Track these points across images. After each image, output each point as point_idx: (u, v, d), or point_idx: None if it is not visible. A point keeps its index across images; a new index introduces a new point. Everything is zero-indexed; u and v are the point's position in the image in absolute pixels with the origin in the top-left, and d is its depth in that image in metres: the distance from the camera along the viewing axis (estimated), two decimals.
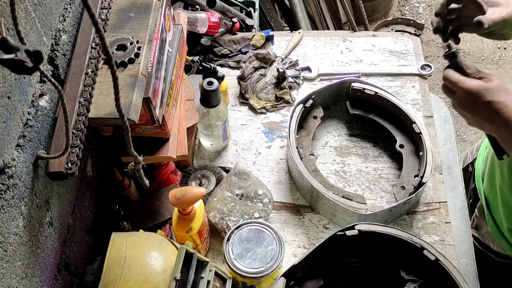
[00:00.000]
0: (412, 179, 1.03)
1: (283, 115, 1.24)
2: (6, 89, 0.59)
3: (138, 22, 0.82)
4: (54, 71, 0.75)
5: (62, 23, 0.77)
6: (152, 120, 0.82)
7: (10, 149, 0.61)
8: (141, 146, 0.89)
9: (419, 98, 1.23)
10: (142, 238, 0.75)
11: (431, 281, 0.84)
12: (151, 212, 0.98)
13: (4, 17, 0.57)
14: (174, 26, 0.99)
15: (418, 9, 3.06)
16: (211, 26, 1.30)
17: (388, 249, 0.86)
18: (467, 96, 0.74)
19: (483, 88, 0.73)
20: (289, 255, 0.99)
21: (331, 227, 1.03)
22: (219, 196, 0.99)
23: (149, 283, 0.68)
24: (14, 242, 0.62)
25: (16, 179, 0.62)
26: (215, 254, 1.00)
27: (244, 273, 0.85)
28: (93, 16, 0.43)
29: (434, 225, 1.01)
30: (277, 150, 1.17)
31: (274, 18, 2.27)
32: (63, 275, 0.78)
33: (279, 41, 1.39)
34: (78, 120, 0.71)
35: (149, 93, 0.77)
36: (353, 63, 1.33)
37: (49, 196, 0.73)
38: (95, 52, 0.78)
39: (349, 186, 1.09)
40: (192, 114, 1.05)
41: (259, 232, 0.89)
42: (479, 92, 0.73)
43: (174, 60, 0.94)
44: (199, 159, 1.16)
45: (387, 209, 0.95)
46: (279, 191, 1.09)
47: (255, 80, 1.28)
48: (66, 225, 0.80)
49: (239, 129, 1.21)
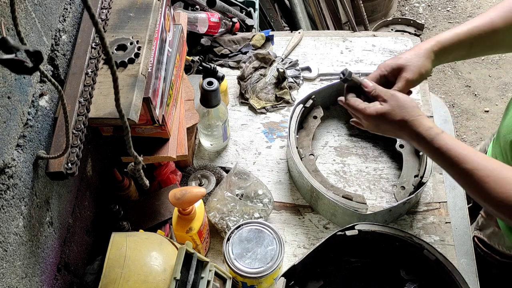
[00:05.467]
0: (412, 179, 1.03)
1: (283, 115, 1.24)
2: (6, 89, 0.59)
3: (138, 22, 0.82)
4: (54, 71, 0.75)
5: (62, 23, 0.77)
6: (152, 120, 0.82)
7: (10, 149, 0.61)
8: (141, 146, 0.89)
9: (419, 98, 1.23)
10: (142, 238, 0.75)
11: (431, 281, 0.85)
12: (151, 212, 0.98)
13: (4, 17, 0.57)
14: (174, 26, 0.99)
15: (418, 9, 3.06)
16: (211, 26, 1.30)
17: (388, 249, 0.86)
18: (371, 121, 0.84)
19: (381, 113, 0.81)
20: (289, 255, 0.99)
21: (331, 227, 1.03)
22: (219, 196, 0.99)
23: (149, 283, 0.68)
24: (14, 242, 0.62)
25: (16, 179, 0.62)
26: (215, 254, 1.00)
27: (244, 273, 0.85)
28: (93, 16, 0.43)
29: (434, 225, 1.01)
30: (277, 150, 1.17)
31: (274, 18, 2.27)
32: (63, 275, 0.78)
33: (279, 41, 1.39)
34: (78, 120, 0.71)
35: (149, 93, 0.77)
36: (353, 63, 1.33)
37: (49, 196, 0.73)
38: (95, 52, 0.78)
39: (349, 186, 1.09)
40: (192, 114, 1.05)
41: (259, 232, 0.89)
42: (378, 118, 0.82)
43: (174, 60, 0.94)
44: (199, 159, 1.16)
45: (387, 209, 0.95)
46: (279, 191, 1.09)
47: (255, 80, 1.28)
48: (66, 225, 0.80)
49: (239, 129, 1.21)
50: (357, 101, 0.85)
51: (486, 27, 0.86)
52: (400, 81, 0.85)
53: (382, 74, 0.87)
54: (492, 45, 0.89)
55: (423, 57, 0.86)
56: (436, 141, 0.77)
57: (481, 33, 0.86)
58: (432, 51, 0.86)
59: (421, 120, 0.79)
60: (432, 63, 0.87)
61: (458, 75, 2.66)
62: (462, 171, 0.74)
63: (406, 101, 0.81)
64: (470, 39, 0.86)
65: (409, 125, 0.79)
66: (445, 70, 2.69)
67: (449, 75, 2.67)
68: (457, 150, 0.75)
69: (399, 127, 0.80)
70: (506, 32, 0.86)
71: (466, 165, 0.73)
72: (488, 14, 0.87)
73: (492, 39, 0.87)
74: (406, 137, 0.81)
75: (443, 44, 0.86)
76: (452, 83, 2.63)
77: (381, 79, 0.88)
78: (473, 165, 0.73)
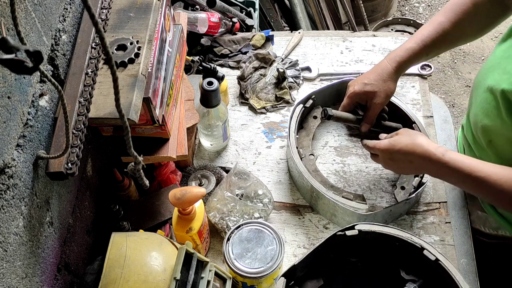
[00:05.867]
0: (412, 179, 1.03)
1: (283, 115, 1.24)
2: (6, 89, 0.59)
3: (138, 22, 0.82)
4: (54, 71, 0.75)
5: (62, 23, 0.77)
6: (152, 120, 0.82)
7: (10, 149, 0.61)
8: (141, 146, 0.89)
9: (419, 98, 1.23)
10: (142, 238, 0.75)
11: (431, 281, 0.84)
12: (151, 212, 0.98)
13: (4, 17, 0.57)
14: (174, 26, 0.99)
15: (418, 9, 3.07)
16: (211, 26, 1.30)
17: (388, 249, 0.86)
18: (385, 154, 0.90)
19: (393, 141, 0.89)
20: (289, 255, 0.99)
21: (331, 227, 1.03)
22: (219, 196, 0.99)
23: (149, 283, 0.68)
24: (14, 242, 0.62)
25: (16, 179, 0.62)
26: (215, 254, 1.00)
27: (244, 273, 0.85)
28: (93, 16, 0.43)
29: (434, 225, 1.01)
30: (277, 150, 1.17)
31: (274, 18, 2.27)
32: (63, 275, 0.78)
33: (279, 41, 1.39)
34: (78, 120, 0.71)
35: (149, 93, 0.77)
36: (353, 63, 1.33)
37: (49, 196, 0.73)
38: (95, 52, 0.78)
39: (349, 186, 1.09)
40: (192, 114, 1.05)
41: (259, 232, 0.89)
42: (390, 146, 0.89)
43: (174, 60, 0.94)
44: (199, 159, 1.16)
45: (387, 209, 0.95)
46: (279, 191, 1.09)
47: (255, 80, 1.28)
48: (66, 225, 0.80)
49: (239, 129, 1.21)
50: (370, 142, 0.95)
51: (437, 33, 0.93)
52: (372, 107, 0.98)
53: (352, 103, 1.00)
54: (447, 45, 0.97)
55: (387, 80, 0.97)
56: (448, 155, 0.81)
57: (434, 40, 0.94)
58: (394, 73, 0.97)
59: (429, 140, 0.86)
60: (395, 82, 0.98)
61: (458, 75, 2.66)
62: (476, 179, 0.78)
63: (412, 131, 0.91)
64: (426, 49, 0.94)
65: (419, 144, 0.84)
66: (445, 70, 2.69)
67: (449, 75, 2.67)
68: (465, 161, 0.80)
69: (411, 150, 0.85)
70: (455, 33, 0.94)
71: (479, 174, 0.78)
72: (437, 19, 0.95)
73: (446, 41, 0.95)
74: (418, 159, 0.84)
75: (402, 63, 0.96)
76: (452, 83, 2.63)
77: (353, 106, 1.01)
78: (486, 172, 0.78)
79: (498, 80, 0.83)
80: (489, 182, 0.77)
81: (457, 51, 2.76)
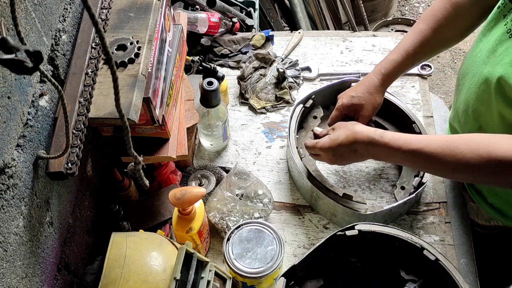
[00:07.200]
0: (412, 179, 1.03)
1: (283, 115, 1.24)
2: (6, 89, 0.59)
3: (138, 22, 0.83)
4: (54, 71, 0.75)
5: (62, 23, 0.77)
6: (152, 120, 0.82)
7: (10, 149, 0.61)
8: (141, 146, 0.89)
9: (419, 98, 1.23)
10: (142, 238, 0.75)
11: (431, 281, 0.84)
12: (151, 212, 0.98)
13: (4, 17, 0.57)
14: (174, 26, 0.99)
15: (418, 9, 3.07)
16: (211, 26, 1.30)
17: (388, 249, 0.86)
18: (329, 151, 0.91)
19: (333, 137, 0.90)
20: (289, 255, 0.99)
21: (331, 227, 1.03)
22: (219, 196, 0.99)
23: (149, 283, 0.68)
24: (14, 242, 0.62)
25: (16, 179, 0.62)
26: (215, 254, 1.00)
27: (244, 273, 0.85)
28: (93, 16, 0.43)
29: (434, 225, 1.01)
30: (277, 150, 1.17)
31: (274, 18, 2.27)
32: (63, 275, 0.78)
33: (279, 41, 1.39)
34: (78, 120, 0.71)
35: (149, 93, 0.77)
36: (353, 63, 1.33)
37: (49, 196, 0.73)
38: (95, 52, 0.78)
39: (349, 186, 1.09)
40: (192, 114, 1.05)
41: (259, 232, 0.89)
42: (332, 142, 0.89)
43: (174, 60, 0.94)
44: (199, 159, 1.16)
45: (387, 209, 0.95)
46: (279, 191, 1.09)
47: (255, 80, 1.28)
48: (66, 225, 0.80)
49: (239, 129, 1.21)
50: (309, 141, 0.97)
51: (419, 42, 0.95)
52: (360, 120, 0.99)
53: (341, 115, 1.02)
54: (430, 52, 0.98)
55: (374, 93, 0.99)
56: (386, 136, 0.83)
57: (416, 49, 0.95)
58: (380, 86, 0.99)
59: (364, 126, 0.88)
60: (382, 94, 1.00)
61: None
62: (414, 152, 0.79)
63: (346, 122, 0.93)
64: (409, 59, 0.96)
65: (359, 131, 0.86)
66: (445, 70, 2.69)
67: (449, 75, 2.67)
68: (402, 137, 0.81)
69: (353, 139, 0.86)
70: (437, 39, 0.95)
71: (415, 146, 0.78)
72: (418, 27, 0.96)
73: (428, 49, 0.96)
74: (361, 145, 0.85)
75: (387, 75, 0.98)
76: (452, 83, 2.63)
77: (341, 118, 1.02)
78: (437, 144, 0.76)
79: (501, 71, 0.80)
80: (425, 152, 0.77)
81: (457, 51, 2.76)
